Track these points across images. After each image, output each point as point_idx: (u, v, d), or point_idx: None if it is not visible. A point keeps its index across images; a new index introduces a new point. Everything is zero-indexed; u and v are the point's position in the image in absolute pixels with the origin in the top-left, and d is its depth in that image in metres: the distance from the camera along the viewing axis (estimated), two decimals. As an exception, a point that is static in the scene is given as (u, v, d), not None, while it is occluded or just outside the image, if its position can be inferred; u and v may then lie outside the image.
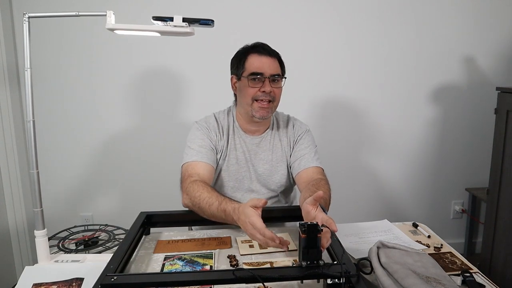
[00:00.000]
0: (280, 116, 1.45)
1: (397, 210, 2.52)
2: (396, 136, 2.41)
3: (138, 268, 1.02)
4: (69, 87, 2.14)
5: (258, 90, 1.27)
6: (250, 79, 1.28)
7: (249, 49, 1.32)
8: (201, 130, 1.34)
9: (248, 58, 1.30)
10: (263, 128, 1.39)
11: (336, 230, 0.89)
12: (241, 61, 1.31)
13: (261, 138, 1.38)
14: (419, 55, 2.31)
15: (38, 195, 1.02)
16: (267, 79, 1.27)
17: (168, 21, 0.97)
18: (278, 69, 1.30)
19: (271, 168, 1.37)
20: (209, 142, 1.33)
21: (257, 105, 1.28)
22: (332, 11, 2.21)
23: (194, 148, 1.30)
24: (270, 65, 1.28)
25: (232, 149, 1.36)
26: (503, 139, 1.89)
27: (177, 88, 2.22)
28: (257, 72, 1.27)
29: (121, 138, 2.23)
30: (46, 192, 1.77)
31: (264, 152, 1.38)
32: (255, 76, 1.27)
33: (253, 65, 1.28)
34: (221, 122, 1.38)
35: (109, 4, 2.03)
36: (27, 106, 0.98)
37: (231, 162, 1.36)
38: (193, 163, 1.27)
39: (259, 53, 1.29)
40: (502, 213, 1.92)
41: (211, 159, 1.30)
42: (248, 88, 1.28)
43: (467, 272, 0.96)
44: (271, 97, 1.28)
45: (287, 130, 1.41)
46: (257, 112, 1.29)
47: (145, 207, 1.30)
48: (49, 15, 1.01)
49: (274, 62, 1.30)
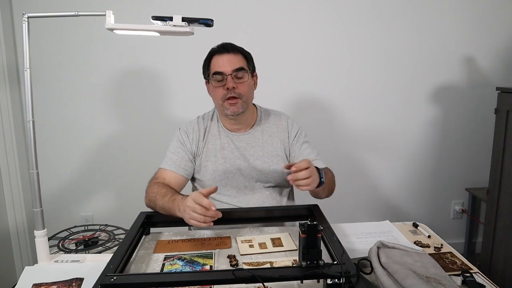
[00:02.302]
0: (270, 111, 1.47)
1: (397, 210, 2.52)
2: (396, 136, 2.41)
3: (138, 268, 1.02)
4: (69, 87, 2.14)
5: (223, 89, 1.29)
6: (214, 79, 1.31)
7: (212, 51, 1.35)
8: (179, 138, 1.39)
9: (212, 59, 1.33)
10: (246, 125, 1.40)
11: (302, 167, 1.02)
12: (205, 64, 1.36)
13: (248, 134, 1.39)
14: (419, 55, 2.31)
15: (38, 195, 1.02)
16: (229, 75, 1.28)
17: (168, 20, 0.97)
18: (241, 63, 1.31)
19: (263, 163, 1.37)
20: (184, 149, 1.37)
21: (226, 103, 1.30)
22: (332, 11, 2.21)
23: (168, 155, 1.38)
24: (230, 62, 1.29)
25: (219, 149, 1.37)
26: (503, 139, 1.89)
27: (177, 88, 2.21)
28: (218, 71, 1.29)
29: (121, 138, 2.23)
30: (46, 192, 1.76)
31: (254, 148, 1.38)
32: (218, 76, 1.29)
33: (215, 65, 1.31)
34: (204, 124, 1.41)
35: (108, 4, 2.03)
36: (27, 106, 0.98)
37: (219, 162, 1.36)
38: (163, 169, 1.35)
39: (219, 53, 1.31)
40: (502, 213, 1.92)
41: (182, 167, 1.35)
42: (214, 88, 1.32)
43: (467, 272, 0.96)
44: (237, 94, 1.29)
45: (279, 126, 1.42)
46: (228, 110, 1.31)
47: (145, 207, 1.31)
48: (48, 15, 1.01)
49: (236, 57, 1.31)
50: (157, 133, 2.24)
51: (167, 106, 2.23)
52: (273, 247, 1.12)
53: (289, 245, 1.13)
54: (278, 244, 1.15)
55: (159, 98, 2.22)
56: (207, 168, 1.37)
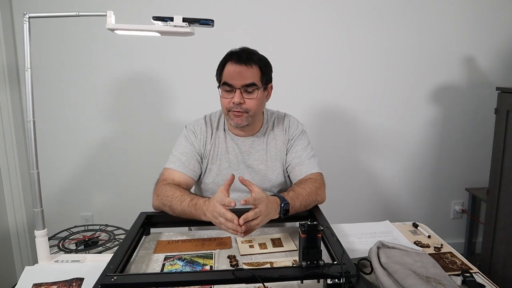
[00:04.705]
0: (276, 114, 1.43)
1: (397, 210, 2.52)
2: (396, 136, 2.41)
3: (138, 268, 1.02)
4: (69, 87, 2.14)
5: (230, 101, 1.24)
6: (223, 89, 1.26)
7: (228, 57, 1.28)
8: (187, 136, 1.34)
9: (225, 66, 1.26)
10: (251, 131, 1.36)
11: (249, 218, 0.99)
12: (219, 69, 1.29)
13: (253, 138, 1.36)
14: (419, 55, 2.31)
15: (38, 195, 1.02)
16: (238, 90, 1.23)
17: (168, 21, 0.98)
18: (253, 78, 1.24)
19: (266, 168, 1.35)
20: (192, 150, 1.32)
21: (231, 113, 1.26)
22: (332, 11, 2.21)
23: (176, 155, 1.32)
24: (242, 75, 1.23)
25: (224, 153, 1.35)
26: (503, 139, 1.89)
27: (177, 89, 2.22)
28: (228, 82, 1.24)
29: (122, 138, 2.23)
30: (46, 192, 1.76)
31: (258, 152, 1.36)
32: (227, 87, 1.24)
33: (226, 75, 1.25)
34: (212, 125, 1.37)
35: (109, 4, 2.03)
36: (27, 106, 0.98)
37: (223, 166, 1.34)
38: (171, 170, 1.29)
39: (234, 62, 1.24)
40: (502, 213, 1.92)
41: (191, 169, 1.30)
42: (222, 98, 1.27)
43: (467, 272, 0.96)
44: (243, 109, 1.24)
45: (283, 128, 1.39)
46: (232, 120, 1.27)
47: (145, 207, 1.30)
48: (49, 15, 1.01)
49: (249, 71, 1.24)
50: (157, 133, 2.24)
51: (168, 106, 2.23)
52: (273, 248, 1.12)
53: (289, 245, 1.14)
54: (278, 244, 1.15)
55: (159, 98, 2.22)
56: (211, 171, 1.35)
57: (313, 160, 1.35)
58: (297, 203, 1.16)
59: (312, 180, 1.28)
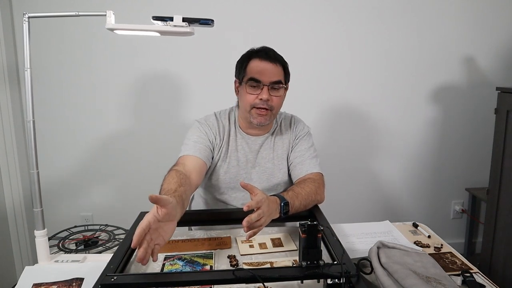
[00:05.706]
0: (283, 115, 1.44)
1: (397, 210, 2.52)
2: (396, 136, 2.41)
3: (138, 268, 1.02)
4: (69, 87, 2.14)
5: (256, 97, 1.24)
6: (249, 85, 1.25)
7: (252, 54, 1.28)
8: (200, 128, 1.33)
9: (250, 62, 1.26)
10: (265, 130, 1.37)
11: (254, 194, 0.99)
12: (243, 65, 1.28)
13: (264, 138, 1.37)
14: (419, 55, 2.31)
15: (38, 195, 1.02)
16: (266, 86, 1.23)
17: (168, 21, 0.97)
18: (280, 76, 1.26)
19: (273, 166, 1.37)
20: (205, 139, 1.30)
21: (255, 111, 1.25)
22: (332, 11, 2.21)
23: (189, 143, 1.28)
24: (270, 72, 1.24)
25: (233, 151, 1.35)
26: (503, 139, 1.89)
27: (177, 88, 2.21)
28: (256, 78, 1.23)
29: (122, 138, 2.23)
30: (46, 192, 1.76)
31: (266, 151, 1.37)
32: (254, 82, 1.24)
33: (253, 71, 1.24)
34: (222, 122, 1.36)
35: (109, 4, 2.03)
36: (27, 106, 0.98)
37: (232, 164, 1.34)
38: (184, 156, 1.25)
39: (261, 59, 1.25)
40: (502, 213, 1.92)
41: (204, 155, 1.26)
42: (246, 94, 1.25)
43: (467, 272, 0.96)
44: (269, 106, 1.24)
45: (290, 128, 1.40)
46: (255, 119, 1.27)
47: (145, 207, 1.30)
48: (49, 15, 1.01)
49: (276, 69, 1.25)
50: (158, 133, 2.24)
51: (168, 106, 2.23)
52: (273, 247, 1.12)
53: (289, 245, 1.14)
54: (278, 244, 1.15)
55: (159, 98, 2.22)
56: (220, 168, 1.34)
57: (315, 161, 1.36)
58: (297, 203, 1.16)
59: (312, 180, 1.28)
